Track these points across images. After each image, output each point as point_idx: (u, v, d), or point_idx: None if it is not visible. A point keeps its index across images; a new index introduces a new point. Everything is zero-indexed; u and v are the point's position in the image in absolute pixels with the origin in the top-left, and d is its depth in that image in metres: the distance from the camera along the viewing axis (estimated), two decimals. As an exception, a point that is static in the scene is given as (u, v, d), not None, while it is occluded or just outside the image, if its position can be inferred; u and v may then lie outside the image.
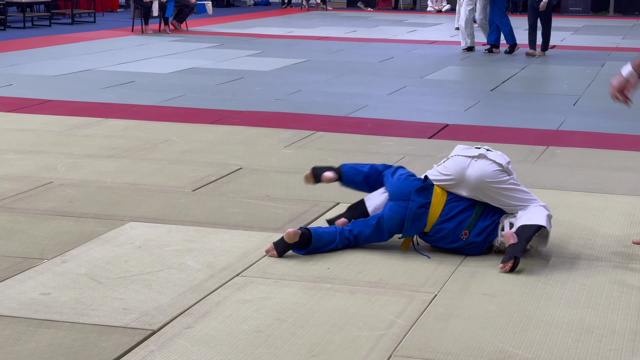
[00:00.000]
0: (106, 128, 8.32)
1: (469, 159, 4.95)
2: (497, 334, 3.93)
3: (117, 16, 23.37)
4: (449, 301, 4.29)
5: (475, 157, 4.95)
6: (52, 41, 16.55)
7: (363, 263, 4.79)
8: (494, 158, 4.94)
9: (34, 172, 6.57)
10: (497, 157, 4.96)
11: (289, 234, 4.81)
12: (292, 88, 11.23)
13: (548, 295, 4.40)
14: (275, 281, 4.50)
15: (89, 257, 4.78)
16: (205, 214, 5.64)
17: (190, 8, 19.51)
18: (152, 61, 13.77)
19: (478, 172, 4.90)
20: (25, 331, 3.83)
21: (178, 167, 6.86)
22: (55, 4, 21.84)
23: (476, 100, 10.61)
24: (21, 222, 5.38)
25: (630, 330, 4.01)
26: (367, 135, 8.25)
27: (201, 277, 4.53)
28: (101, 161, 6.98)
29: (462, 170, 4.93)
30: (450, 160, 5.01)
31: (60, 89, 10.73)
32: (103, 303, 4.15)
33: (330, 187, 6.24)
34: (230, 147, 7.59)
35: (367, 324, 4.00)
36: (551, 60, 14.88)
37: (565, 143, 8.08)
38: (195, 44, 16.42)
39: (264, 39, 17.83)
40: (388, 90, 11.27)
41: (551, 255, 5.00)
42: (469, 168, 4.92)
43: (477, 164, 4.92)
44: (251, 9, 27.84)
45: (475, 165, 4.92)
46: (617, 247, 5.14)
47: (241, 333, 3.87)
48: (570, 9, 27.97)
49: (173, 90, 10.85)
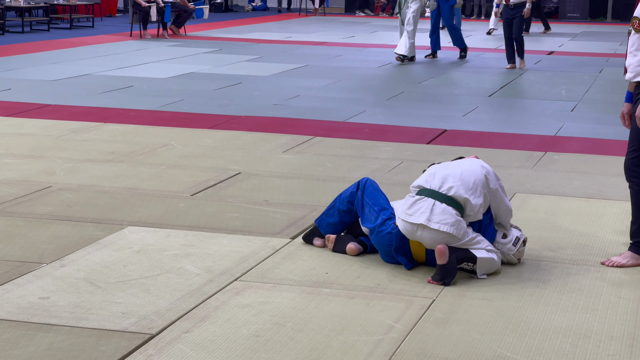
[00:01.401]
0: (105, 133, 8.33)
1: (414, 226, 4.64)
2: (495, 339, 3.93)
3: (115, 21, 23.39)
4: (447, 306, 4.30)
5: (418, 227, 4.62)
6: (51, 46, 16.56)
7: (361, 268, 4.79)
8: (437, 227, 4.57)
9: (33, 177, 6.58)
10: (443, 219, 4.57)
11: (352, 249, 4.94)
12: (290, 93, 11.24)
13: (546, 300, 4.41)
14: (273, 286, 4.50)
15: (88, 262, 4.78)
16: (203, 218, 5.65)
17: (189, 13, 19.53)
18: (151, 66, 13.78)
19: (429, 240, 4.64)
20: (24, 335, 3.83)
21: (176, 171, 6.86)
22: (54, 8, 21.85)
23: (474, 105, 10.63)
24: (20, 226, 5.38)
25: (628, 335, 4.01)
26: (365, 141, 8.27)
27: (200, 281, 4.54)
28: (100, 166, 6.99)
29: (412, 233, 4.69)
30: (399, 220, 4.75)
31: (58, 94, 10.73)
32: (102, 307, 4.16)
33: (328, 191, 6.25)
34: (229, 152, 7.60)
35: (365, 328, 4.00)
36: (549, 66, 14.90)
37: (563, 149, 8.09)
38: (193, 49, 16.44)
39: (263, 44, 17.85)
40: (386, 95, 11.28)
41: (549, 260, 5.01)
42: (417, 232, 4.66)
43: (425, 233, 4.62)
44: (249, 14, 27.86)
45: (424, 234, 4.63)
46: (615, 253, 5.15)
47: (240, 337, 3.88)
48: (568, 15, 28.01)
49: (171, 95, 10.86)
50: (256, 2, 29.57)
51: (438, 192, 4.69)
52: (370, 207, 4.91)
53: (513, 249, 4.84)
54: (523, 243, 4.88)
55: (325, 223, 5.11)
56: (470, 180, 4.71)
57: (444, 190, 4.69)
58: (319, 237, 5.13)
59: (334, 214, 5.10)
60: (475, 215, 4.71)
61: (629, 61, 4.87)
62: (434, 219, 4.61)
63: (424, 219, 4.62)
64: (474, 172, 4.76)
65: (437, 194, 4.68)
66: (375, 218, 4.85)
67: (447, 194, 4.67)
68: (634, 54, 4.83)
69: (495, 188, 4.77)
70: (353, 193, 5.03)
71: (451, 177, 4.73)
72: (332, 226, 5.10)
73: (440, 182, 4.72)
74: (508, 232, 4.88)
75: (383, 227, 4.80)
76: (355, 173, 6.91)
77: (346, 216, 5.07)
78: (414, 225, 4.65)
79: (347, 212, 5.05)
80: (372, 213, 4.89)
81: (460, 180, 4.70)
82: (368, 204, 4.92)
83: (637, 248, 4.91)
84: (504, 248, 4.84)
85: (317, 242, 5.13)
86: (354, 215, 5.07)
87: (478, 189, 4.71)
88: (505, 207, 4.84)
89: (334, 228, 5.10)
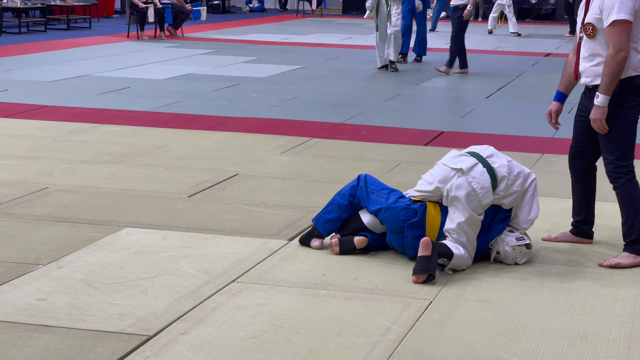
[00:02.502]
0: (102, 134, 8.33)
1: (453, 171, 4.90)
2: (492, 340, 3.93)
3: (112, 22, 23.38)
4: (444, 308, 4.30)
5: (457, 172, 4.88)
6: (48, 47, 16.55)
7: (359, 270, 4.79)
8: (470, 181, 4.82)
9: (30, 178, 6.57)
10: (478, 179, 4.83)
11: (360, 241, 4.94)
12: (287, 94, 11.24)
13: (543, 302, 4.41)
14: (271, 287, 4.50)
15: (85, 263, 4.78)
16: (201, 220, 5.65)
17: (186, 14, 19.52)
18: (148, 67, 13.77)
19: (455, 190, 4.85)
20: (21, 336, 3.83)
21: (174, 173, 6.86)
22: (51, 9, 21.84)
23: (472, 107, 10.64)
24: (17, 227, 5.38)
25: (625, 337, 4.02)
26: (362, 142, 8.27)
27: (197, 283, 4.53)
28: (97, 167, 6.98)
29: (445, 180, 4.90)
30: (436, 168, 5.02)
31: (55, 95, 10.73)
32: (99, 309, 4.15)
33: (326, 193, 6.25)
34: (226, 154, 7.60)
35: (363, 330, 4.00)
36: (546, 68, 14.91)
37: (560, 150, 8.10)
38: (191, 50, 16.43)
39: (260, 45, 17.85)
40: (384, 97, 11.29)
41: (546, 262, 5.01)
42: (451, 180, 4.88)
43: (457, 181, 4.86)
44: (247, 15, 27.87)
45: (455, 183, 4.86)
46: (612, 255, 5.16)
47: (237, 339, 3.87)
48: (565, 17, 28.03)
49: (169, 96, 10.85)
50: (253, 3, 29.58)
51: (484, 158, 4.93)
52: (378, 191, 5.04)
53: (514, 242, 4.90)
54: (526, 246, 4.90)
55: (324, 220, 5.12)
56: (514, 170, 4.96)
57: (490, 161, 4.93)
58: (318, 238, 5.13)
59: (334, 210, 5.12)
60: (502, 198, 4.89)
61: (584, 66, 5.07)
62: (472, 174, 4.85)
63: (465, 166, 4.86)
64: (522, 168, 5.02)
65: (483, 159, 4.92)
66: (386, 199, 4.98)
67: (491, 165, 4.90)
68: (589, 60, 5.03)
69: (531, 192, 4.99)
70: (354, 187, 5.10)
71: (500, 157, 4.99)
72: (332, 222, 5.11)
73: (489, 154, 4.98)
74: (518, 231, 4.98)
75: (398, 204, 4.94)
76: (352, 174, 6.91)
77: (346, 211, 5.11)
78: (452, 170, 4.89)
79: (347, 206, 5.09)
80: (381, 196, 5.01)
81: (507, 162, 4.96)
82: (374, 190, 5.04)
83: (632, 247, 5.02)
84: (506, 238, 4.92)
85: (315, 243, 5.12)
86: (354, 209, 5.11)
87: (518, 180, 4.93)
88: (527, 212, 4.97)
89: (333, 224, 5.11)
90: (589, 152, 5.23)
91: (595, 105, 4.96)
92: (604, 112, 4.94)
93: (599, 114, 4.94)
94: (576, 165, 5.29)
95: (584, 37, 5.03)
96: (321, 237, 5.13)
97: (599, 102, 4.93)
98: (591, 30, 4.95)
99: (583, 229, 5.36)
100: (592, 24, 4.94)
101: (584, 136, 5.21)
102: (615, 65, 4.83)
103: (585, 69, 5.07)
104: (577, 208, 5.37)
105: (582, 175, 5.29)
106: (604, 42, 4.93)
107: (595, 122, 4.97)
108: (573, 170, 5.32)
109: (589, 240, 5.37)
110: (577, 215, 5.37)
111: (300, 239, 5.19)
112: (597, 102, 4.93)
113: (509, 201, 4.93)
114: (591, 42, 4.98)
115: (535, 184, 5.03)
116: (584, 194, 5.32)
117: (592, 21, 4.94)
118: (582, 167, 5.28)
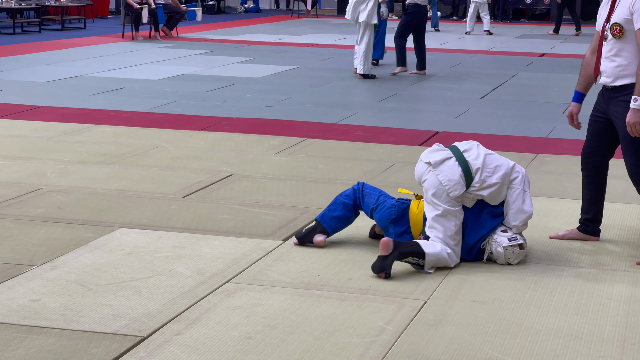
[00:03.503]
0: (96, 134, 8.32)
1: (425, 165, 4.95)
2: (487, 340, 3.94)
3: (107, 22, 23.36)
4: (438, 308, 4.30)
5: (428, 167, 4.92)
6: (42, 47, 16.53)
7: (353, 270, 4.79)
8: (437, 174, 4.84)
9: (24, 178, 6.56)
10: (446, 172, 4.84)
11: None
12: (282, 95, 11.24)
13: (537, 302, 4.41)
14: (265, 288, 4.50)
15: (79, 264, 4.77)
16: (195, 220, 5.64)
17: (181, 14, 19.51)
18: (143, 67, 13.76)
19: (427, 184, 4.90)
20: (14, 337, 3.82)
21: (168, 173, 6.85)
22: (45, 10, 21.81)
23: (466, 107, 10.64)
24: (10, 228, 5.36)
25: (618, 337, 4.02)
26: (357, 142, 8.27)
27: (191, 283, 4.53)
28: (91, 167, 6.97)
29: (420, 175, 4.98)
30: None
31: (50, 95, 10.71)
32: (93, 309, 4.15)
33: (321, 193, 6.25)
34: (221, 154, 7.59)
35: (357, 330, 4.00)
36: (541, 68, 14.93)
37: (554, 150, 8.11)
38: (185, 50, 16.42)
39: (255, 45, 17.84)
40: (378, 97, 11.29)
41: (540, 262, 5.02)
42: (424, 175, 4.94)
43: (429, 176, 4.90)
44: (242, 15, 27.86)
45: (428, 177, 4.91)
46: (606, 255, 5.16)
47: (231, 339, 3.87)
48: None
49: (163, 96, 10.85)
50: (248, 3, 29.57)
51: (460, 151, 4.93)
52: (370, 194, 5.17)
53: (506, 242, 4.89)
54: (519, 246, 4.90)
55: (329, 217, 5.18)
56: (492, 163, 4.94)
57: (465, 154, 4.93)
58: (322, 233, 5.15)
59: (338, 208, 5.19)
60: (479, 190, 4.87)
61: (606, 66, 5.06)
62: (441, 167, 4.86)
63: (434, 160, 4.89)
64: (502, 161, 5.00)
65: (458, 152, 4.93)
66: (376, 201, 5.11)
67: (465, 158, 4.90)
68: (611, 59, 5.03)
69: (517, 187, 4.93)
70: (355, 189, 5.23)
71: (478, 150, 4.98)
72: (337, 220, 5.18)
73: (466, 148, 4.99)
74: (511, 232, 4.95)
75: (384, 204, 5.05)
76: (347, 175, 6.92)
77: (350, 210, 5.19)
78: (424, 164, 4.93)
79: (351, 205, 5.18)
80: (371, 198, 5.14)
81: (484, 155, 4.95)
82: (368, 194, 5.18)
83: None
84: (498, 239, 4.90)
85: (318, 238, 5.14)
86: (356, 211, 5.21)
87: (497, 173, 4.90)
88: (517, 207, 4.91)
89: (338, 222, 5.19)
90: (602, 152, 5.25)
91: (632, 108, 4.91)
92: None
93: (637, 118, 4.90)
94: (589, 164, 5.31)
95: (608, 37, 5.03)
96: (325, 232, 5.16)
97: (637, 106, 4.88)
98: (618, 31, 4.96)
99: (590, 227, 5.38)
100: (620, 25, 4.95)
101: (599, 136, 5.22)
102: None
103: (606, 69, 5.06)
104: (587, 206, 5.38)
105: (595, 174, 5.31)
106: (631, 44, 4.94)
107: (635, 125, 4.92)
108: (585, 170, 5.34)
109: (595, 238, 5.39)
110: (586, 214, 5.38)
111: (299, 236, 5.19)
112: (635, 105, 4.88)
113: (487, 193, 4.89)
114: (617, 42, 4.99)
115: (524, 179, 4.97)
116: (595, 193, 5.34)
117: (621, 22, 4.95)
118: (595, 166, 5.30)
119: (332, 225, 5.17)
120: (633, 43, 4.95)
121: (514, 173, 4.95)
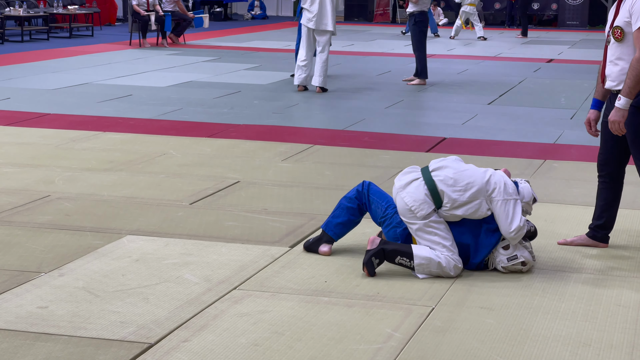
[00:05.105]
0: (104, 141, 8.33)
1: (395, 190, 4.94)
2: (495, 347, 3.92)
3: (114, 30, 23.42)
4: (446, 314, 4.29)
5: (397, 191, 4.92)
6: (50, 55, 16.58)
7: (360, 276, 4.79)
8: (403, 197, 4.84)
9: (32, 186, 6.57)
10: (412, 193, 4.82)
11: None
12: (289, 101, 11.24)
13: (545, 308, 4.40)
14: (272, 294, 4.49)
15: (86, 271, 4.77)
16: (202, 227, 5.64)
17: (188, 22, 19.55)
18: (150, 75, 13.79)
19: (399, 207, 4.91)
20: (22, 345, 3.82)
21: (175, 180, 6.86)
22: (53, 17, 21.87)
23: (473, 113, 10.63)
24: (18, 235, 5.37)
25: (627, 344, 4.00)
26: (364, 149, 8.26)
27: (198, 290, 4.53)
28: (98, 174, 6.98)
29: (394, 196, 4.97)
30: None
31: (58, 103, 10.74)
32: (100, 316, 4.15)
33: (328, 200, 6.25)
34: (228, 161, 7.60)
35: (364, 337, 3.99)
36: (548, 74, 14.91)
37: (562, 156, 8.09)
38: (192, 57, 16.45)
39: (262, 52, 17.87)
40: (385, 103, 11.29)
41: (548, 268, 5.00)
42: (396, 197, 4.94)
43: (398, 198, 4.91)
44: (249, 22, 27.90)
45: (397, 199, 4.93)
46: (615, 261, 5.15)
47: (238, 346, 3.87)
48: (567, 22, 28.07)
49: (170, 103, 10.86)
50: (255, 10, 29.62)
51: (429, 172, 4.90)
52: (377, 203, 5.08)
53: (505, 262, 4.85)
54: (521, 264, 4.87)
55: (334, 224, 5.14)
56: (464, 181, 4.83)
57: (434, 174, 4.88)
58: (327, 243, 5.13)
59: (342, 214, 5.14)
60: (451, 209, 4.80)
61: (610, 70, 5.05)
62: (407, 189, 4.87)
63: (399, 184, 4.91)
64: (476, 176, 4.85)
65: (427, 173, 4.90)
66: (383, 212, 5.04)
67: (433, 178, 4.86)
68: (615, 63, 5.02)
69: (497, 198, 4.79)
70: (359, 191, 5.15)
71: (450, 170, 4.88)
72: (341, 226, 5.14)
73: (436, 167, 4.93)
74: (513, 247, 4.87)
75: (392, 219, 4.98)
76: (354, 181, 6.90)
77: (354, 214, 5.14)
78: (395, 189, 4.93)
79: (355, 209, 5.13)
80: (379, 208, 5.07)
81: (452, 175, 4.84)
82: (375, 202, 5.09)
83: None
84: (497, 258, 4.88)
85: (324, 248, 5.12)
86: (362, 212, 5.15)
87: (469, 191, 4.79)
88: (503, 219, 4.79)
89: (343, 228, 5.15)
90: (617, 159, 5.22)
91: (615, 107, 4.90)
92: (624, 115, 4.90)
93: (619, 117, 4.90)
94: (604, 171, 5.28)
95: (611, 40, 5.02)
96: (331, 242, 5.14)
97: (620, 105, 4.88)
98: (619, 34, 4.95)
99: (600, 234, 5.36)
100: (620, 28, 4.95)
101: (612, 142, 5.18)
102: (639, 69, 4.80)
103: (611, 73, 5.05)
104: (599, 213, 5.35)
105: (610, 180, 5.28)
106: (632, 47, 4.92)
107: (614, 124, 4.93)
108: (601, 176, 5.31)
109: (604, 245, 5.37)
110: (597, 220, 5.35)
111: (306, 245, 5.18)
112: (619, 104, 4.88)
113: (462, 212, 4.81)
114: (619, 45, 4.98)
115: (504, 188, 4.78)
116: (609, 199, 5.31)
117: (621, 25, 4.94)
118: (610, 172, 5.27)
119: (338, 232, 5.15)
120: (633, 46, 4.92)
121: (489, 186, 4.80)
